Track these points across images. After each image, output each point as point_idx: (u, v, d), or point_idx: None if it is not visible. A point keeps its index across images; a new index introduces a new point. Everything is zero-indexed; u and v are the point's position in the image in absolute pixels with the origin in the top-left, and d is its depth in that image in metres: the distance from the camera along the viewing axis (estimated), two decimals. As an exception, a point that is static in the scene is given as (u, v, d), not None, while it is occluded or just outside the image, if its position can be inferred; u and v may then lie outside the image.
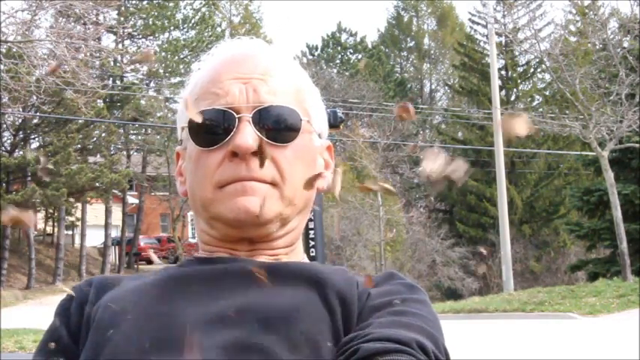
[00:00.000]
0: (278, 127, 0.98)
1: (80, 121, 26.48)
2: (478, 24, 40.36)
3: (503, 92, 36.76)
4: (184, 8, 35.88)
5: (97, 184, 29.12)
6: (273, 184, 0.97)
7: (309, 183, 0.96)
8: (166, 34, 34.70)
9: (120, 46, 31.03)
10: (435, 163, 0.83)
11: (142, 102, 32.80)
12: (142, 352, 0.89)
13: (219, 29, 37.73)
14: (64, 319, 1.01)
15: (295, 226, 1.02)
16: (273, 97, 0.99)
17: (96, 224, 34.72)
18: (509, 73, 38.07)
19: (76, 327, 0.99)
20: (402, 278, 0.99)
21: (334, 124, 6.45)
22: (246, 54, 1.03)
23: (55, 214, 33.40)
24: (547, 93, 36.11)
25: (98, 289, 1.02)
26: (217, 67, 1.02)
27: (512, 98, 38.02)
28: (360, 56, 48.43)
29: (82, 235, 32.52)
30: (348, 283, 0.96)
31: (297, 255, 1.04)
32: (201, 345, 0.87)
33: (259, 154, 0.94)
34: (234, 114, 0.97)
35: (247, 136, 0.95)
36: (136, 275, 1.05)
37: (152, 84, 34.92)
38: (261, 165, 0.94)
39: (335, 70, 45.19)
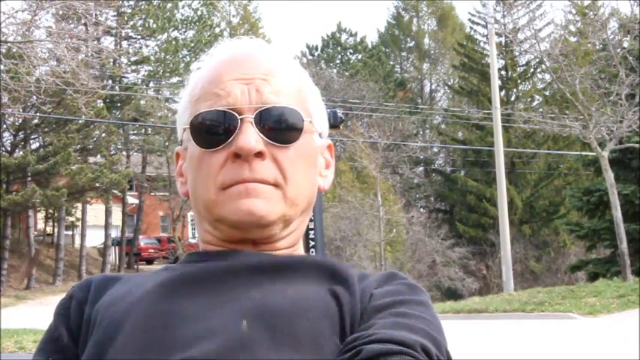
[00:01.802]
0: (280, 128, 0.97)
1: (80, 121, 26.47)
2: (478, 24, 40.38)
3: (503, 92, 36.75)
4: (182, 8, 35.88)
5: (97, 184, 29.11)
6: (276, 185, 0.96)
7: None
8: (165, 35, 34.67)
9: (118, 46, 31.01)
10: None
11: (142, 102, 32.78)
12: (145, 351, 0.88)
13: (217, 29, 37.73)
14: (63, 319, 1.00)
15: (297, 227, 1.02)
16: (275, 97, 0.98)
17: (96, 224, 34.71)
18: (509, 73, 38.07)
19: (76, 327, 0.99)
20: (404, 278, 0.99)
21: (334, 124, 6.46)
22: (247, 54, 1.02)
23: (55, 214, 33.40)
24: (547, 93, 36.10)
25: (98, 288, 1.01)
26: (218, 68, 1.01)
27: (513, 98, 38.00)
28: (359, 56, 48.32)
29: (82, 235, 32.51)
30: (350, 283, 0.95)
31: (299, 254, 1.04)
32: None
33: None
34: (237, 115, 0.96)
35: (250, 137, 0.95)
36: (137, 274, 1.05)
37: (152, 84, 34.91)
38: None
39: (335, 71, 45.16)
